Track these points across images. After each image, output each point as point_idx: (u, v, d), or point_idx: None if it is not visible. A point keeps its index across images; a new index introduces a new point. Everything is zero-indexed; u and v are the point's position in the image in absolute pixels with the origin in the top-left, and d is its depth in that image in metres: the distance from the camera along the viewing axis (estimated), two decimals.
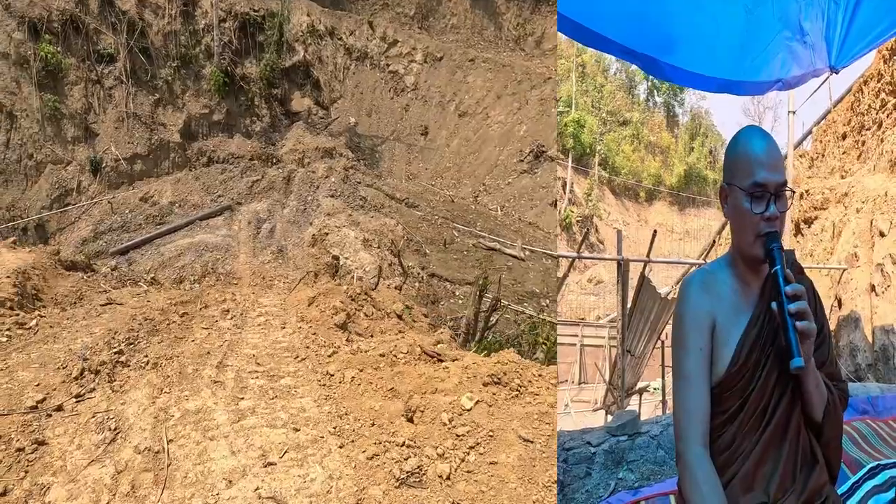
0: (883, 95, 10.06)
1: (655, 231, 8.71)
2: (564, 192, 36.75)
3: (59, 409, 4.33)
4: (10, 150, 13.73)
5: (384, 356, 5.41)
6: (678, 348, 2.04)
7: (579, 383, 16.91)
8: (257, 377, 5.25)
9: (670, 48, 4.17)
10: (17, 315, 6.55)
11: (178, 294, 9.16)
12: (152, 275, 11.31)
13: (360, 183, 16.82)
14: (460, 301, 12.43)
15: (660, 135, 46.56)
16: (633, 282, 7.83)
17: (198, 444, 3.92)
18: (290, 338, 6.61)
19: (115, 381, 4.95)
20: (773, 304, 1.90)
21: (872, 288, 8.27)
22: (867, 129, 10.52)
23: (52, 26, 14.42)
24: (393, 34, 21.90)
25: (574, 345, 17.62)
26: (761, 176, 1.92)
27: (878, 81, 10.24)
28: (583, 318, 22.17)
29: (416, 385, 4.72)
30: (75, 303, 8.07)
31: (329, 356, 5.76)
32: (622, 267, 7.40)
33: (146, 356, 5.57)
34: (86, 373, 4.91)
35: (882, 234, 8.41)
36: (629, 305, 7.70)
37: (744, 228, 1.97)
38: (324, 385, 5.06)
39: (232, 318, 7.57)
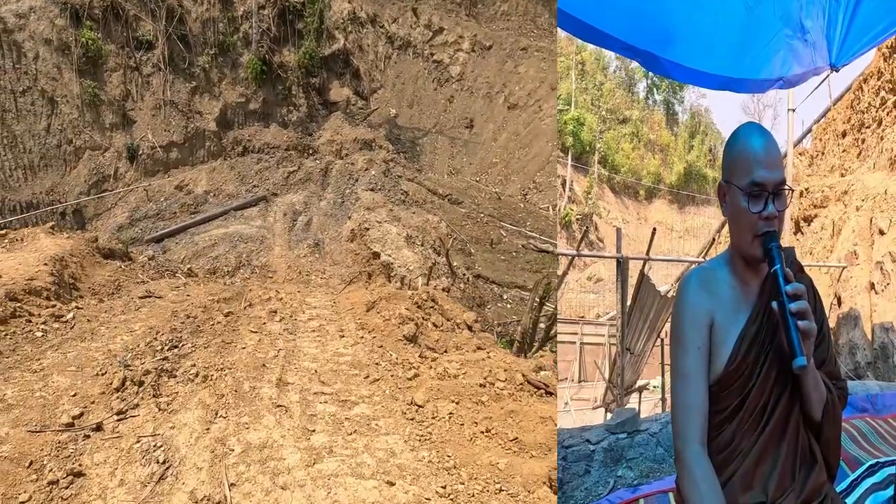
0: (883, 93, 10.06)
1: (655, 229, 8.72)
2: (564, 191, 36.73)
3: (99, 428, 3.80)
4: (51, 135, 13.87)
5: (483, 386, 4.59)
6: (676, 346, 2.03)
7: (579, 381, 16.92)
8: (325, 401, 4.52)
9: (670, 44, 4.18)
10: (54, 306, 6.25)
11: (219, 289, 8.85)
12: (188, 265, 11.19)
13: (400, 177, 16.30)
14: (508, 305, 11.95)
15: (659, 133, 46.53)
16: (632, 280, 7.83)
17: (267, 493, 3.20)
18: (353, 350, 5.93)
19: (160, 395, 4.39)
20: (774, 304, 1.88)
21: (872, 286, 8.27)
22: (867, 127, 10.52)
23: (93, 13, 14.54)
24: (438, 21, 20.97)
25: (574, 343, 17.63)
26: (759, 175, 1.90)
27: (878, 79, 10.24)
28: (582, 316, 22.19)
29: (546, 435, 3.87)
30: (113, 293, 7.88)
31: (410, 379, 4.97)
32: (622, 265, 7.39)
33: (193, 364, 5.04)
34: (128, 383, 4.39)
35: (882, 232, 8.41)
36: (629, 303, 7.69)
37: (742, 228, 1.95)
38: (411, 419, 4.21)
39: (281, 320, 7.03)
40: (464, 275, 11.99)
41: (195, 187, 14.84)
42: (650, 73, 47.37)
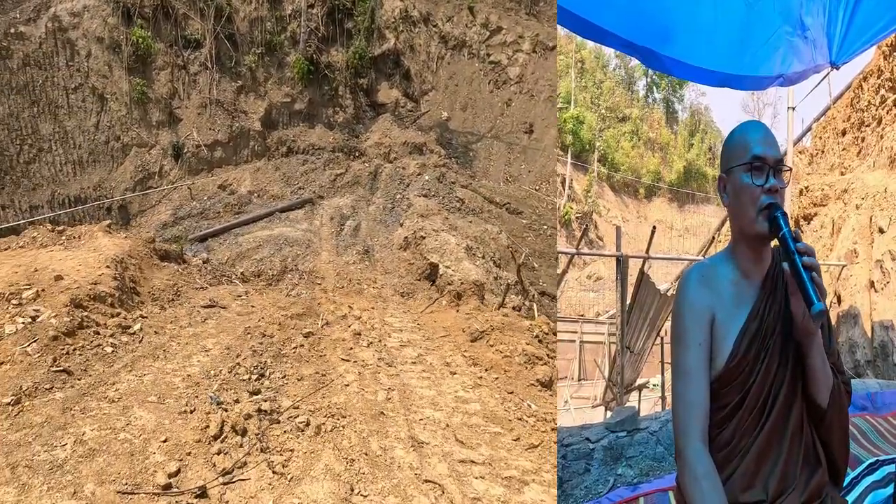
0: (883, 92, 10.06)
1: (655, 227, 8.70)
2: (563, 189, 36.72)
3: (203, 494, 3.13)
4: (100, 131, 14.11)
5: None
6: (677, 343, 2.02)
7: (579, 380, 16.96)
8: (482, 476, 3.64)
9: (670, 41, 4.20)
10: (119, 314, 5.99)
11: (286, 301, 8.36)
12: (240, 269, 10.89)
13: (454, 183, 15.44)
14: None
15: (659, 131, 46.49)
16: (632, 278, 7.83)
17: None
18: (477, 395, 5.04)
19: (270, 451, 3.68)
20: (785, 265, 1.88)
21: (872, 284, 8.28)
22: (867, 126, 10.52)
23: (144, 11, 14.74)
24: (497, 21, 19.75)
25: (573, 341, 17.67)
26: (759, 149, 1.94)
27: (878, 77, 10.24)
28: (582, 315, 22.22)
29: None
30: (173, 299, 7.64)
31: None
32: (621, 263, 7.39)
33: (296, 407, 4.41)
34: (226, 429, 3.78)
35: (881, 231, 8.42)
36: (628, 302, 7.69)
37: (745, 205, 1.95)
38: None
39: (369, 345, 6.41)
40: (527, 291, 11.26)
41: (239, 187, 14.70)
42: (650, 72, 47.38)
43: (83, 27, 14.06)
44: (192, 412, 4.07)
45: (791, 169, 2.22)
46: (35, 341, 4.72)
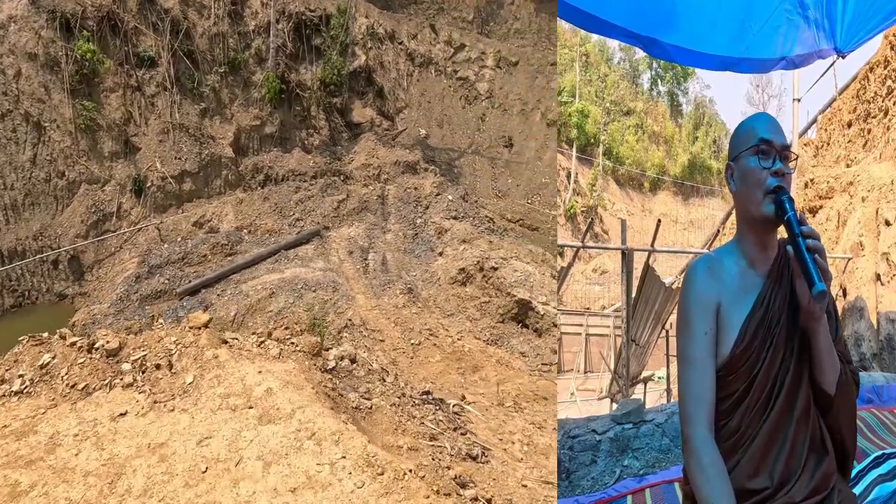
0: (889, 83, 10.00)
1: (660, 221, 8.70)
2: (568, 183, 36.70)
3: None
4: (38, 167, 11.68)
5: None
6: (683, 333, 2.03)
7: (584, 372, 16.96)
8: None
9: (672, 28, 4.19)
10: None
11: None
12: (255, 324, 8.29)
13: (476, 202, 14.03)
14: None
15: (663, 124, 46.40)
16: (637, 271, 7.83)
17: None
18: None
19: None
20: (789, 247, 1.90)
21: (877, 277, 8.26)
22: (873, 117, 10.46)
23: (87, 24, 12.57)
24: (459, 38, 19.68)
25: (579, 334, 17.67)
26: (767, 134, 1.98)
27: (885, 68, 10.18)
28: (588, 308, 22.18)
29: None
30: None
31: None
32: (627, 257, 7.40)
33: None
34: None
35: (888, 224, 8.39)
36: (634, 295, 7.70)
37: (752, 188, 1.97)
38: None
39: None
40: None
41: (220, 223, 12.82)
42: (654, 65, 47.26)
43: (9, 41, 11.76)
44: None
45: (798, 157, 2.22)
46: None
